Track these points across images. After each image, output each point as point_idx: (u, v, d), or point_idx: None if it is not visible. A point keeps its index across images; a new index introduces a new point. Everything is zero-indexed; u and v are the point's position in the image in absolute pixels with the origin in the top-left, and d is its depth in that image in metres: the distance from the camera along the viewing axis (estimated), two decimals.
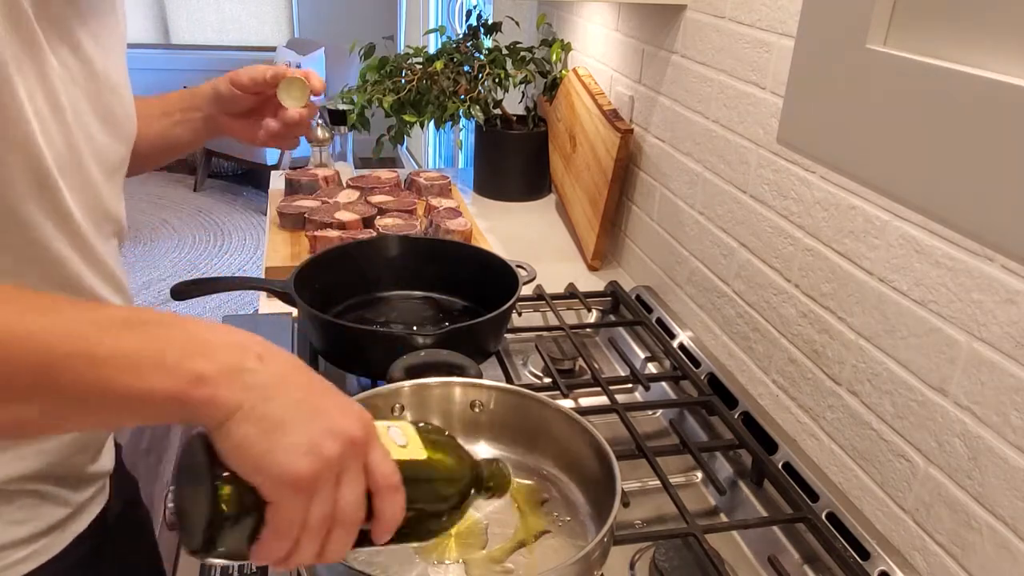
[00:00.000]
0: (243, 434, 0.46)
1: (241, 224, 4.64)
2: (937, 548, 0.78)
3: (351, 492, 0.48)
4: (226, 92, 0.93)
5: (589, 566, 0.66)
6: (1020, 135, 0.32)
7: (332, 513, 0.48)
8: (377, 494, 0.50)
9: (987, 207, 0.34)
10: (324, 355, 1.05)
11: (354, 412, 0.50)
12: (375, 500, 0.50)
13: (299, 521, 0.47)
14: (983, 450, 0.73)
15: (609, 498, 0.71)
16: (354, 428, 0.49)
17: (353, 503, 0.48)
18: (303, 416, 0.47)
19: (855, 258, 0.89)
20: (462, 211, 1.53)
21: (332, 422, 0.48)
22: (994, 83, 0.33)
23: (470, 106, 1.68)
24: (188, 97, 0.96)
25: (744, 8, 1.07)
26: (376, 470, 0.50)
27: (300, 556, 0.48)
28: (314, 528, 0.47)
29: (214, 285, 1.03)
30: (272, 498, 0.46)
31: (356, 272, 1.14)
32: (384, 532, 0.51)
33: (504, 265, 1.12)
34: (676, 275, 1.32)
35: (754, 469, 0.97)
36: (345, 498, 0.48)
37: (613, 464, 0.74)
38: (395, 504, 0.50)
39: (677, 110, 1.28)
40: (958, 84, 0.35)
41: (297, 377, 0.50)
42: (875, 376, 0.86)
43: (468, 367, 0.89)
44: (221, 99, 0.94)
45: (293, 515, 0.46)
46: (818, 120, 0.45)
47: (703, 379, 1.13)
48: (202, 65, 5.44)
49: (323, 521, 0.47)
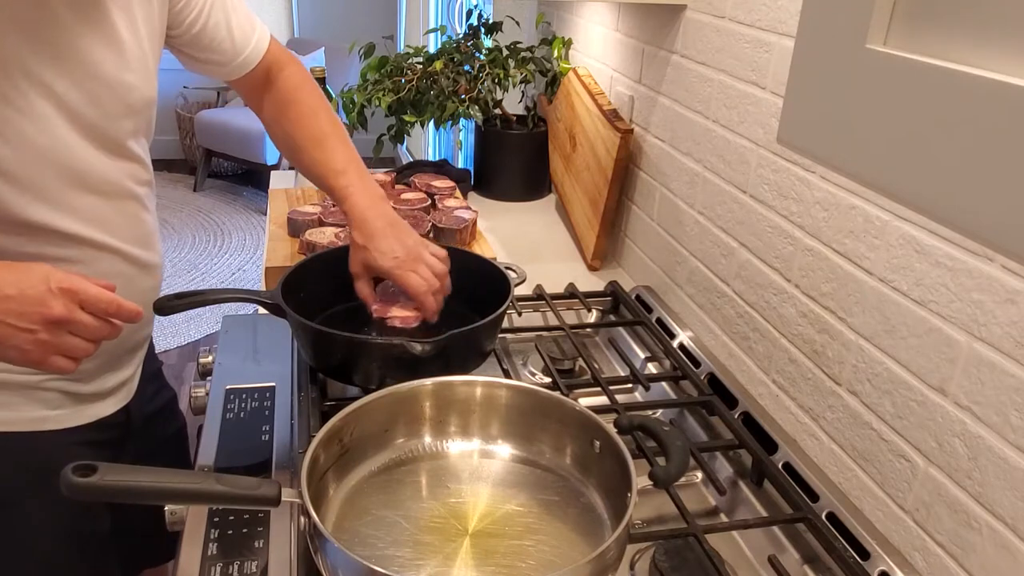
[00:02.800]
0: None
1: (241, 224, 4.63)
2: (937, 548, 0.78)
3: (70, 341, 0.75)
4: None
5: (604, 565, 0.67)
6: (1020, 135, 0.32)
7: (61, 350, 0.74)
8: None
9: (987, 207, 0.34)
10: (317, 367, 1.02)
11: (42, 278, 0.73)
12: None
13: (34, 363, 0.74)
14: (983, 450, 0.73)
15: (624, 496, 0.72)
16: (46, 305, 0.72)
17: (78, 343, 0.75)
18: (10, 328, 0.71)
19: (855, 258, 0.89)
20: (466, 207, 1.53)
21: (23, 318, 0.72)
22: (994, 83, 0.33)
23: (469, 106, 1.68)
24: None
25: (744, 8, 1.06)
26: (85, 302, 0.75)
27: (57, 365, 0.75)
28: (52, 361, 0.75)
29: (198, 298, 0.97)
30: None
31: (343, 278, 1.10)
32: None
33: (493, 268, 1.11)
34: (676, 275, 1.32)
35: (754, 469, 0.97)
36: (68, 343, 0.74)
37: (628, 462, 0.74)
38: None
39: (677, 110, 1.28)
40: (958, 84, 0.35)
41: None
42: (875, 376, 0.86)
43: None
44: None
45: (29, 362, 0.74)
46: (818, 120, 0.45)
47: (703, 379, 1.13)
48: None
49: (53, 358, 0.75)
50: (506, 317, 1.11)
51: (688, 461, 0.78)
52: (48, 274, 0.73)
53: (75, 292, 0.73)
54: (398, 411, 0.86)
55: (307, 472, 0.71)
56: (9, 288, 0.71)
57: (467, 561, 0.72)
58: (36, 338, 0.72)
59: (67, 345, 0.74)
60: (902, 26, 0.39)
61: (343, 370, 0.98)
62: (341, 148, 1.06)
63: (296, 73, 1.11)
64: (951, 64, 0.36)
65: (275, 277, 1.21)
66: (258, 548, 0.79)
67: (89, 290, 0.74)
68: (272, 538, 0.80)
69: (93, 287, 0.75)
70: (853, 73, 0.41)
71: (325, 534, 0.64)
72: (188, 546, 0.80)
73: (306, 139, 1.07)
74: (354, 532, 0.75)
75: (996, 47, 0.34)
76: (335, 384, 1.05)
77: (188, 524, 0.82)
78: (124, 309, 0.77)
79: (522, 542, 0.75)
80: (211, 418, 1.00)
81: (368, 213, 1.01)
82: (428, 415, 0.88)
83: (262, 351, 1.16)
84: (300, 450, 0.89)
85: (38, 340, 0.72)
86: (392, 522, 0.77)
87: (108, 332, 0.77)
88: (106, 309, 0.75)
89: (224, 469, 0.91)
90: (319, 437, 0.76)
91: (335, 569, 0.65)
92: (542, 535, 0.76)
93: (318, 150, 1.06)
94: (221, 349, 1.16)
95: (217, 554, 0.78)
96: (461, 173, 1.87)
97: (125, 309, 0.77)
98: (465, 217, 1.47)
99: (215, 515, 0.83)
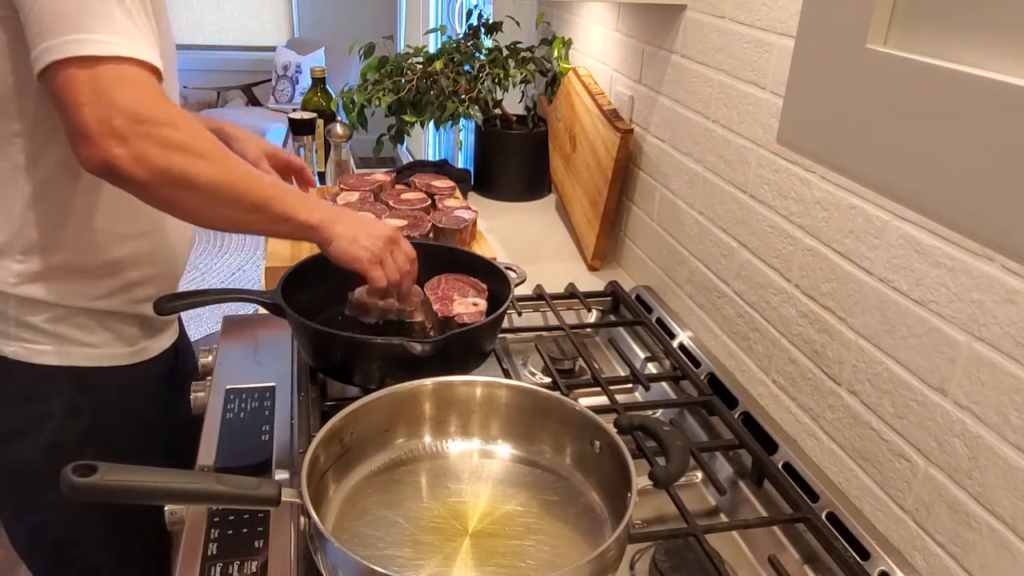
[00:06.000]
0: (338, 246, 0.94)
1: None
2: (937, 548, 0.78)
3: (399, 255, 0.99)
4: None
5: (604, 565, 0.67)
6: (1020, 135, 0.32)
7: (395, 267, 0.98)
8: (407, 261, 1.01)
9: (987, 207, 0.34)
10: (317, 367, 1.01)
11: (386, 225, 1.00)
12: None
13: (380, 277, 0.96)
14: (983, 450, 0.73)
15: (624, 496, 0.72)
16: (387, 231, 0.98)
17: (401, 259, 0.99)
18: (362, 233, 0.95)
19: (855, 258, 0.89)
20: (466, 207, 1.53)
21: (375, 231, 0.97)
22: (994, 83, 0.33)
23: (469, 106, 1.68)
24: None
25: (744, 8, 1.06)
26: (405, 248, 1.01)
27: (393, 283, 0.98)
28: (393, 274, 0.98)
29: (198, 299, 0.98)
30: (362, 272, 0.96)
31: (344, 278, 1.10)
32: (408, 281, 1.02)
33: (493, 268, 1.11)
34: (676, 275, 1.32)
35: (754, 469, 0.97)
36: (397, 259, 0.98)
37: (628, 462, 0.74)
38: (414, 265, 1.02)
39: (677, 110, 1.28)
40: (958, 84, 0.35)
41: (355, 218, 0.97)
42: (875, 376, 0.86)
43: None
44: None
45: (376, 276, 0.96)
46: (818, 120, 0.45)
47: (703, 379, 1.13)
48: (202, 65, 5.45)
49: (392, 271, 0.98)
50: (506, 317, 1.11)
51: (688, 461, 0.78)
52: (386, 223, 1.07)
53: (400, 237, 1.01)
54: (398, 411, 0.86)
55: (307, 472, 0.71)
56: (370, 224, 0.99)
57: (467, 561, 0.72)
58: (377, 247, 0.97)
59: (388, 261, 0.99)
60: (902, 26, 0.39)
61: (343, 370, 0.98)
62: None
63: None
64: (951, 64, 0.36)
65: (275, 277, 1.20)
66: (258, 548, 0.79)
67: (407, 243, 1.03)
68: (272, 538, 0.80)
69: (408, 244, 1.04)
70: (853, 73, 0.41)
71: (325, 534, 0.64)
72: (188, 546, 0.80)
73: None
74: (354, 532, 0.75)
75: (996, 47, 0.34)
76: (335, 384, 1.05)
77: (188, 524, 0.82)
78: (414, 269, 1.02)
79: (522, 542, 0.75)
80: (211, 418, 1.00)
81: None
82: (428, 415, 0.88)
83: (262, 351, 1.16)
84: (300, 450, 0.89)
85: (376, 249, 0.96)
86: (392, 522, 0.77)
87: (406, 273, 1.01)
88: (409, 256, 1.01)
89: (224, 469, 0.91)
90: (319, 437, 0.76)
91: (335, 569, 0.65)
92: (542, 535, 0.76)
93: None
94: (221, 349, 1.16)
95: (217, 554, 0.78)
96: (461, 173, 1.87)
97: (414, 271, 1.02)
98: (465, 217, 1.47)
99: (215, 515, 0.83)
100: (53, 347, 1.00)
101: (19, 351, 0.99)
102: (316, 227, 0.92)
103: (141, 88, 0.80)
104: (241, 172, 0.87)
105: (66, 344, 1.01)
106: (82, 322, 1.01)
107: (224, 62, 5.60)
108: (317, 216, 0.92)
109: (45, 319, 0.98)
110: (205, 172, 0.83)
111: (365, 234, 0.95)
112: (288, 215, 0.90)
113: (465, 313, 1.03)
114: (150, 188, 0.82)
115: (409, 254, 1.00)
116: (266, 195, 0.88)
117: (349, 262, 0.95)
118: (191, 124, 0.84)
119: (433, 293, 1.07)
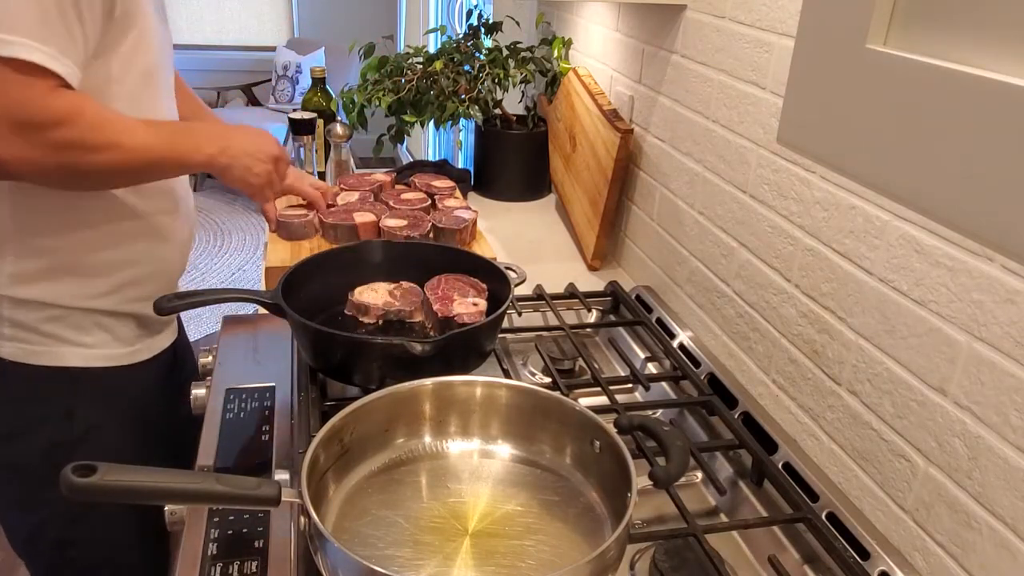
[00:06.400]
0: (232, 175, 1.07)
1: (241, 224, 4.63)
2: (937, 548, 0.78)
3: (282, 168, 1.15)
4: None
5: (604, 565, 0.67)
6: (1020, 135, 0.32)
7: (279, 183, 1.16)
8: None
9: (987, 207, 0.34)
10: (317, 367, 1.01)
11: (269, 140, 1.12)
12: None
13: (270, 198, 1.19)
14: (983, 450, 0.73)
15: (624, 496, 0.72)
16: (273, 150, 1.11)
17: (283, 171, 1.16)
18: (252, 158, 1.08)
19: (855, 258, 0.89)
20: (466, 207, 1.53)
21: (263, 150, 1.10)
22: (994, 83, 0.33)
23: (469, 106, 1.68)
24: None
25: (744, 8, 1.06)
26: (286, 159, 1.16)
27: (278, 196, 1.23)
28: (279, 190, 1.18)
29: (198, 298, 0.97)
30: (253, 198, 1.15)
31: (344, 278, 1.11)
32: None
33: (493, 268, 1.11)
34: (676, 275, 1.32)
35: (754, 469, 0.96)
36: (282, 172, 1.15)
37: (628, 462, 0.74)
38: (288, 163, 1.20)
39: (677, 110, 1.28)
40: (958, 84, 0.35)
41: (242, 140, 1.08)
42: (875, 376, 0.86)
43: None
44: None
45: (265, 196, 1.16)
46: (818, 120, 0.45)
47: (703, 379, 1.13)
48: (202, 65, 5.44)
49: (279, 188, 1.18)
50: (506, 317, 1.11)
51: (688, 461, 0.78)
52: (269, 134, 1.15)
53: (284, 152, 1.14)
54: (398, 411, 0.86)
55: (307, 472, 0.71)
56: (255, 143, 1.08)
57: (467, 561, 0.72)
58: (267, 170, 1.09)
59: (276, 182, 1.12)
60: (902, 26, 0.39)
61: (343, 370, 0.98)
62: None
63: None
64: (951, 64, 0.36)
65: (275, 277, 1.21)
66: (258, 548, 0.79)
67: (285, 151, 1.15)
68: (272, 538, 0.80)
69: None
70: (853, 73, 0.41)
71: (325, 534, 0.64)
72: (188, 546, 0.80)
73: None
74: (354, 532, 0.75)
75: (996, 47, 0.34)
76: (335, 384, 1.05)
77: (188, 524, 0.82)
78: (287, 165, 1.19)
79: (522, 542, 0.75)
80: (211, 418, 1.00)
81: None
82: (428, 415, 0.88)
83: (262, 351, 1.16)
84: (300, 450, 0.89)
85: (266, 173, 1.08)
86: (392, 522, 0.77)
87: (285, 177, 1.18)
88: (288, 163, 1.16)
89: (224, 469, 0.91)
90: (319, 437, 0.76)
91: (335, 569, 0.65)
92: (542, 535, 0.76)
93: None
94: (221, 349, 1.16)
95: (217, 554, 0.78)
96: (461, 173, 1.87)
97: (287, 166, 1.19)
98: (465, 217, 1.47)
99: (215, 515, 0.83)
100: (48, 348, 1.00)
101: (15, 352, 0.99)
102: (207, 164, 1.03)
103: (28, 92, 0.82)
104: (139, 142, 0.91)
105: (62, 345, 1.01)
106: (77, 322, 1.01)
107: (224, 62, 5.60)
108: (206, 152, 1.02)
109: (40, 320, 0.98)
110: (98, 161, 0.88)
111: (255, 159, 1.08)
112: (183, 163, 1.00)
113: (465, 313, 1.03)
114: (43, 182, 0.90)
115: (287, 160, 1.18)
116: (160, 156, 0.95)
117: (244, 190, 1.11)
118: (90, 117, 0.87)
119: (433, 293, 1.07)
